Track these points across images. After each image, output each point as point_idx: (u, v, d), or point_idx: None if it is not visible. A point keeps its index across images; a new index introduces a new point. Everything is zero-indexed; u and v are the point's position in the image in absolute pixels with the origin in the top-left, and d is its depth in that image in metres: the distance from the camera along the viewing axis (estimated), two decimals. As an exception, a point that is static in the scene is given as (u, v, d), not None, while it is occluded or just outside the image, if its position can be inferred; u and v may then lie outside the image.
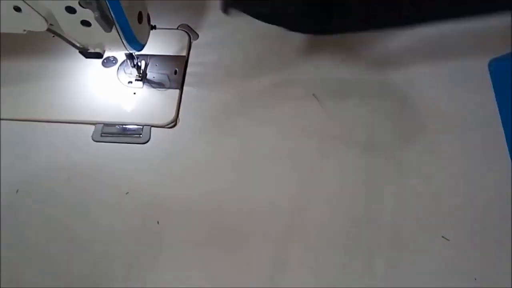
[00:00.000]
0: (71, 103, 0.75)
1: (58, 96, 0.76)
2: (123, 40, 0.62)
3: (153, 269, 0.62)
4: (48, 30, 0.60)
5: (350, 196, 0.66)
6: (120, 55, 0.79)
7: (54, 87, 0.77)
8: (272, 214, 0.66)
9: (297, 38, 0.79)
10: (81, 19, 0.58)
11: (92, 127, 0.74)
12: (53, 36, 0.63)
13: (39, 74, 0.78)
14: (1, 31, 0.61)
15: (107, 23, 0.56)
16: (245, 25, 0.83)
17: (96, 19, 0.55)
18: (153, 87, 0.77)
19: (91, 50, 0.66)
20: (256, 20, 0.82)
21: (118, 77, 0.77)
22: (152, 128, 0.74)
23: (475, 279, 0.61)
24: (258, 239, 0.64)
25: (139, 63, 0.76)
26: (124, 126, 0.74)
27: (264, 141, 0.71)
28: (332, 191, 0.67)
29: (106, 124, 0.74)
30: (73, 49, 0.66)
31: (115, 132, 0.73)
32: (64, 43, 0.64)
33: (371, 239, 0.63)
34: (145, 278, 0.62)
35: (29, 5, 0.56)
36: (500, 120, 0.69)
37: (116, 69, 0.78)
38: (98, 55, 0.67)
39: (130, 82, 0.77)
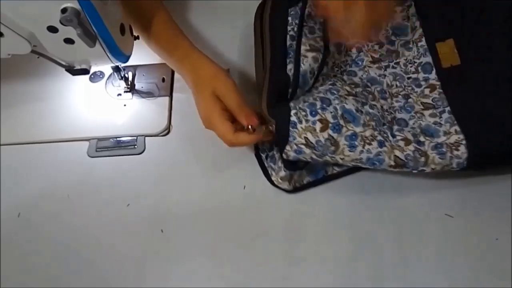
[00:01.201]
0: (63, 122, 0.75)
1: (49, 116, 0.76)
2: (108, 54, 0.62)
3: (163, 278, 0.63)
4: (33, 51, 0.60)
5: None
6: (107, 69, 0.79)
7: (44, 108, 0.77)
8: (276, 211, 0.66)
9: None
10: (64, 37, 0.58)
11: (87, 143, 0.74)
12: (38, 57, 0.63)
13: (28, 97, 0.78)
14: (-15, 58, 0.61)
15: (90, 38, 0.56)
16: (227, 26, 0.83)
17: (79, 35, 0.55)
18: (143, 97, 0.77)
19: (77, 67, 0.67)
20: (238, 22, 0.83)
21: (107, 91, 0.78)
22: (146, 137, 0.74)
23: (497, 239, 0.62)
24: (263, 238, 0.64)
25: (126, 75, 0.76)
26: (118, 139, 0.74)
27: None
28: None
29: (100, 139, 0.74)
30: (60, 68, 0.66)
31: (110, 146, 0.74)
32: (50, 63, 0.65)
33: (376, 225, 0.64)
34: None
35: (11, 29, 0.56)
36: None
37: (104, 83, 0.78)
38: (85, 71, 0.67)
39: (120, 94, 0.77)
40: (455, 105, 0.63)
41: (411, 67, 0.69)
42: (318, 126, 0.59)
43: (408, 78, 0.68)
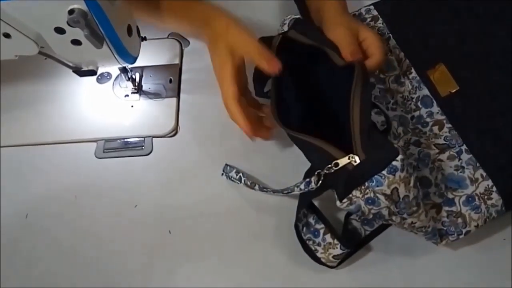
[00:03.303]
0: (70, 123, 0.75)
1: (57, 118, 0.76)
2: (115, 55, 0.62)
3: (170, 278, 0.63)
4: (40, 53, 0.60)
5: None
6: (114, 70, 0.79)
7: (51, 109, 0.77)
8: (284, 211, 0.65)
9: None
10: (71, 38, 0.58)
11: (94, 144, 0.74)
12: (45, 59, 0.63)
13: (35, 98, 0.78)
14: (-7, 59, 0.61)
15: (97, 39, 0.56)
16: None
17: (86, 36, 0.55)
18: (150, 98, 0.77)
19: (85, 68, 0.67)
20: (245, 20, 0.82)
21: (114, 92, 0.78)
22: (154, 138, 0.74)
23: (504, 239, 0.61)
24: (271, 238, 0.64)
25: (133, 76, 0.76)
26: (125, 140, 0.74)
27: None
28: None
29: (108, 140, 0.74)
30: (67, 69, 0.66)
31: (117, 147, 0.73)
32: (57, 64, 0.64)
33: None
34: (163, 288, 0.62)
35: (18, 30, 0.56)
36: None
37: (112, 84, 0.78)
38: (92, 72, 0.67)
39: (127, 95, 0.77)
40: (470, 141, 0.61)
41: (410, 104, 0.66)
42: (412, 180, 0.52)
43: (411, 118, 0.65)
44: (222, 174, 0.68)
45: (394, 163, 0.50)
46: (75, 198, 0.70)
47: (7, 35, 0.57)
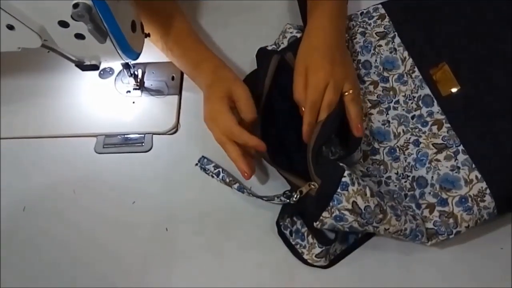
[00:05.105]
0: (71, 117, 0.75)
1: (58, 111, 0.76)
2: (118, 50, 0.62)
3: (166, 276, 0.63)
4: (43, 46, 0.60)
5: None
6: (117, 66, 0.79)
7: (52, 103, 0.77)
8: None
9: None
10: (75, 32, 0.58)
11: (94, 139, 0.74)
12: (48, 52, 0.63)
13: (37, 91, 0.78)
14: (-4, 51, 0.61)
15: (101, 34, 0.56)
16: (237, 26, 0.83)
17: (90, 31, 0.55)
18: (152, 94, 0.77)
19: (87, 63, 0.66)
20: (247, 21, 0.83)
21: (116, 88, 0.77)
22: (154, 135, 0.74)
23: (502, 248, 0.61)
24: (269, 238, 0.64)
25: (136, 72, 0.76)
26: (125, 136, 0.74)
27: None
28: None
29: (108, 136, 0.74)
30: (69, 63, 0.66)
31: (117, 143, 0.73)
32: (60, 57, 0.64)
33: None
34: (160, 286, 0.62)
35: (22, 22, 0.56)
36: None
37: (114, 80, 0.78)
38: (95, 67, 0.67)
39: (129, 91, 0.77)
40: (467, 142, 0.61)
41: (411, 103, 0.67)
42: (368, 191, 0.55)
43: (412, 117, 0.66)
44: (197, 164, 0.69)
45: (343, 179, 0.55)
46: (73, 192, 0.69)
47: (10, 27, 0.57)
